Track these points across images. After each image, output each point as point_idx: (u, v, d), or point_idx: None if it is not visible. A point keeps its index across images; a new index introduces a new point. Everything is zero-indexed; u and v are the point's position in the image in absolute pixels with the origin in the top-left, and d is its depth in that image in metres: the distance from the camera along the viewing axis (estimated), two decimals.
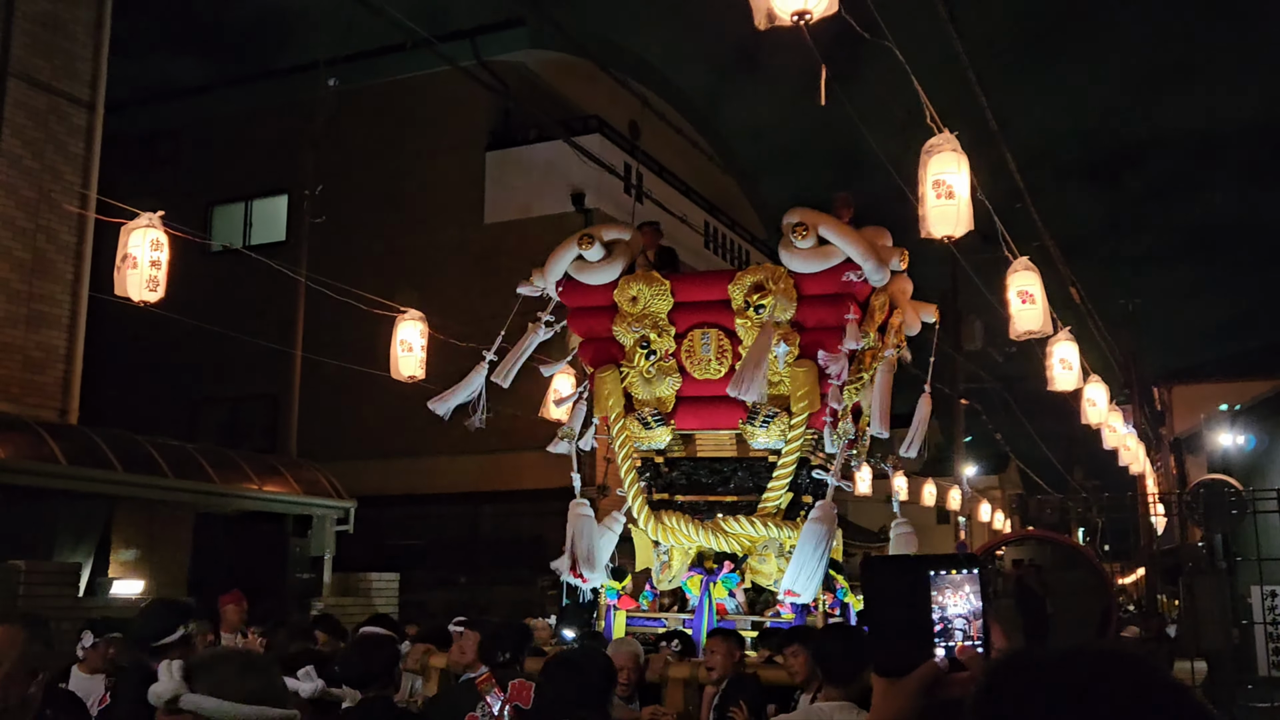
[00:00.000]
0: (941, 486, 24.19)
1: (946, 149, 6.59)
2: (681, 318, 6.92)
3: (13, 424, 9.62)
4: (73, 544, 10.04)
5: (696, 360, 6.87)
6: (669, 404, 6.93)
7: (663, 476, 7.14)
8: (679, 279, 7.16)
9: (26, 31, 11.11)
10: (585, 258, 6.97)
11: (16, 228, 10.94)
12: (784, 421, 6.57)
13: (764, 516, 6.61)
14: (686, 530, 6.72)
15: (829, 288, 6.55)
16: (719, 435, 7.03)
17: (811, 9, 4.41)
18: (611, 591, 7.01)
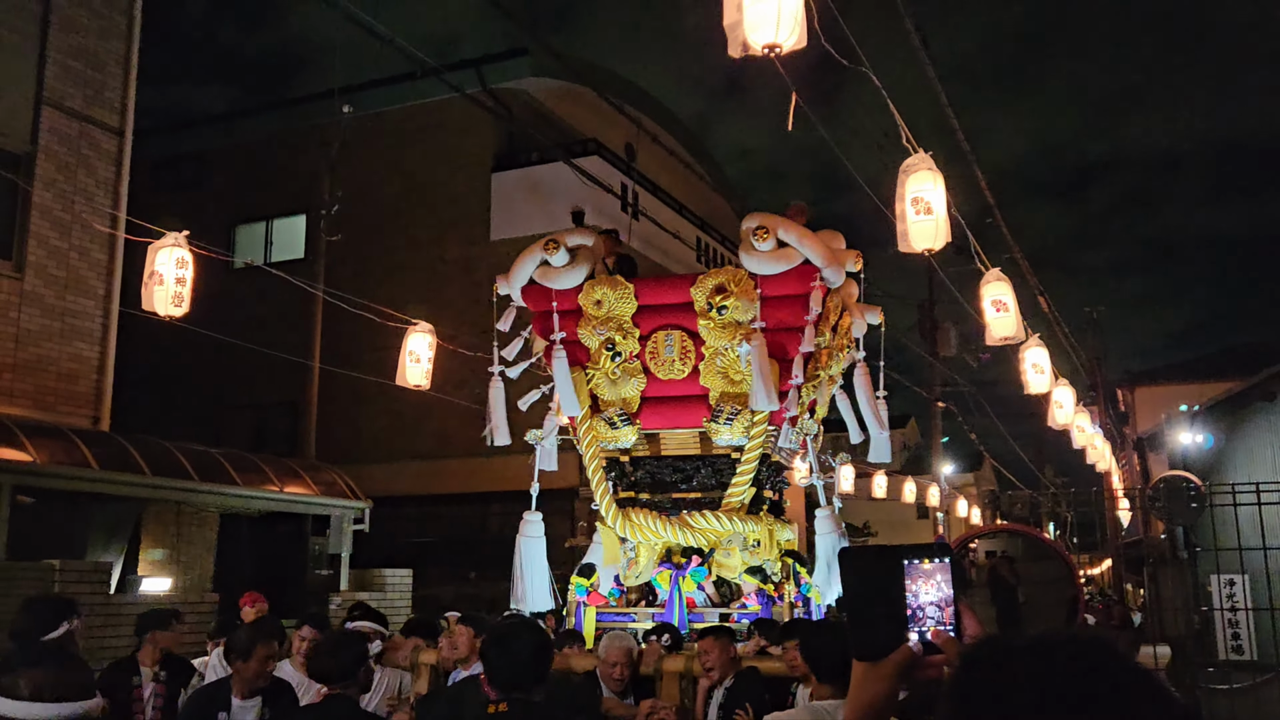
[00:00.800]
0: (920, 484, 24.18)
1: (923, 168, 6.58)
2: (645, 320, 6.75)
3: (48, 431, 9.57)
4: (104, 544, 9.99)
5: (660, 361, 6.71)
6: (634, 404, 6.76)
7: (628, 475, 6.95)
8: (642, 283, 6.96)
9: (60, 63, 11.09)
10: (550, 263, 6.77)
11: (51, 247, 10.90)
12: (746, 419, 6.44)
13: (729, 511, 6.48)
14: (653, 526, 6.57)
15: (788, 289, 6.43)
16: (683, 434, 6.85)
17: (781, 43, 4.37)
18: (580, 588, 6.80)
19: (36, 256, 10.71)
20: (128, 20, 11.85)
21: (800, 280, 6.29)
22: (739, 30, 4.63)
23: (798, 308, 6.33)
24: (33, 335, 10.59)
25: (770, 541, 6.36)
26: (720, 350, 6.47)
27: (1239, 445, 12.37)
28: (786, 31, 4.56)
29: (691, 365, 6.60)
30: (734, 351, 6.37)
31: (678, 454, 6.86)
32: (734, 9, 4.63)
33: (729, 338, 6.42)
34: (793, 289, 6.36)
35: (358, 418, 16.08)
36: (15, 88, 10.72)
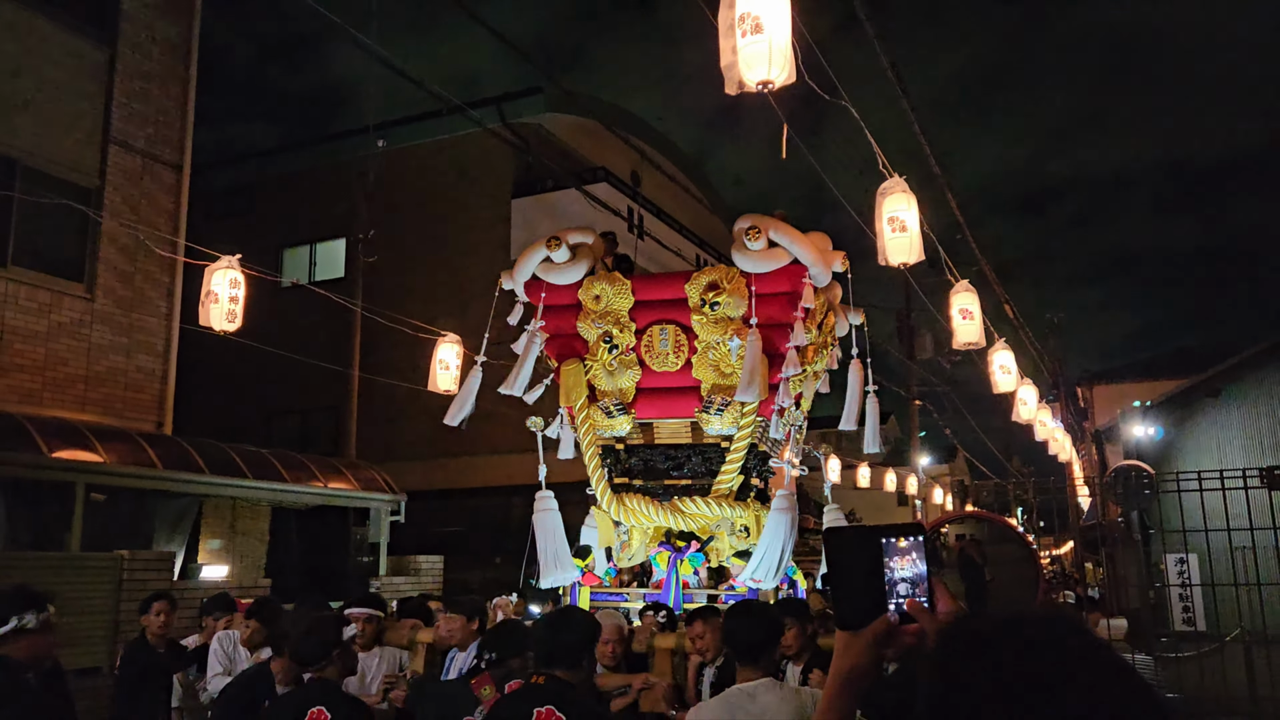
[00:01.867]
0: (900, 474, 24.15)
1: (898, 190, 6.63)
2: (641, 315, 6.51)
3: (117, 435, 9.62)
4: (167, 535, 10.02)
5: (655, 354, 6.46)
6: (629, 395, 6.52)
7: (623, 462, 6.69)
8: (639, 279, 6.74)
9: (125, 106, 11.16)
10: (552, 259, 6.54)
11: (119, 271, 10.96)
12: (736, 410, 6.20)
13: (718, 498, 6.26)
14: (646, 511, 6.35)
15: (777, 286, 6.19)
16: (675, 423, 6.60)
17: (773, 79, 4.37)
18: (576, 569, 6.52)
19: (106, 280, 10.77)
20: (185, 67, 11.92)
21: (789, 279, 6.07)
22: (734, 70, 4.66)
23: (786, 304, 6.12)
24: (103, 350, 10.65)
25: (757, 527, 6.12)
26: (712, 344, 6.26)
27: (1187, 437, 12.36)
28: (778, 69, 4.58)
29: (684, 358, 6.39)
30: (725, 346, 6.14)
31: (670, 442, 6.62)
32: (729, 50, 4.65)
33: (720, 332, 6.20)
34: (782, 286, 6.15)
35: (394, 420, 16.11)
36: (86, 129, 10.79)
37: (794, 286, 6.05)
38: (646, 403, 6.53)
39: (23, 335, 9.87)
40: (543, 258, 6.54)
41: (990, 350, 10.28)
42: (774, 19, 4.36)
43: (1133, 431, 13.19)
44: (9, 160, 9.86)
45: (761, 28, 4.35)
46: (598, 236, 6.91)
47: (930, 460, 30.06)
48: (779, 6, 4.37)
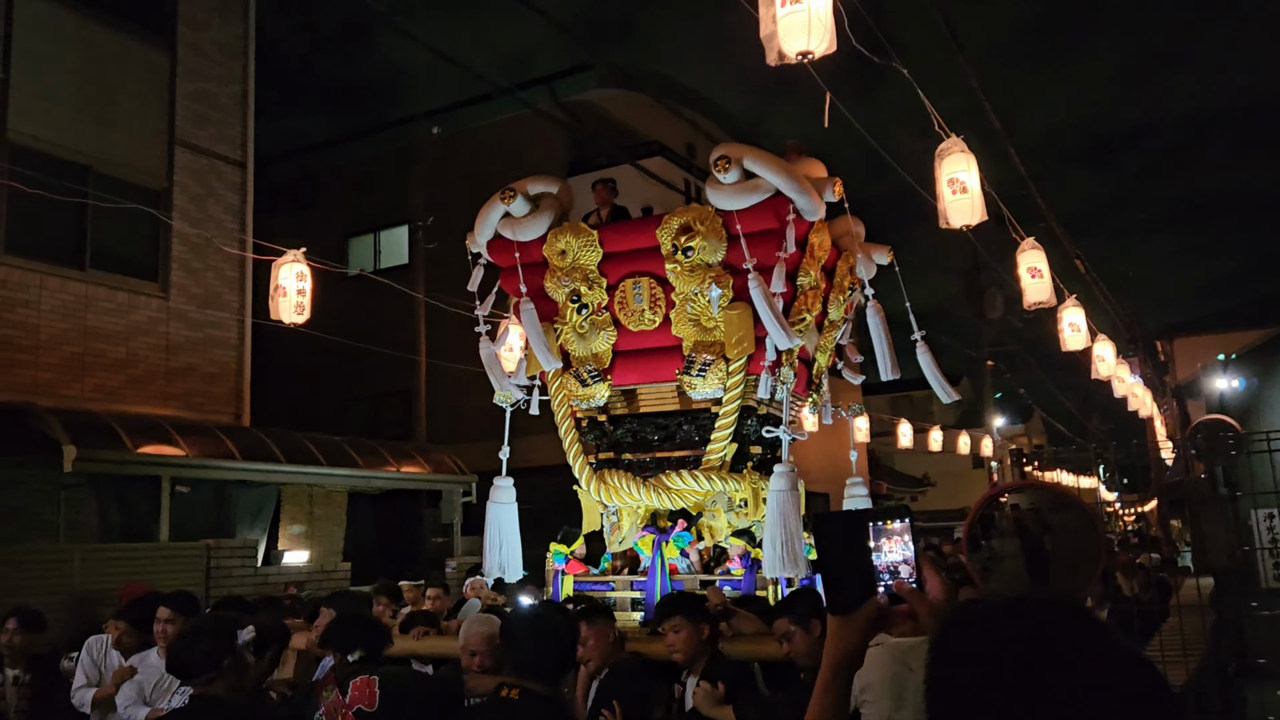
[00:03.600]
0: (974, 437, 23.81)
1: (956, 151, 6.53)
2: (612, 268, 5.79)
3: (197, 428, 9.96)
4: (249, 524, 10.36)
5: (630, 312, 5.74)
6: (605, 359, 5.83)
7: (608, 435, 6.00)
8: (608, 228, 5.98)
9: (187, 107, 11.47)
10: (511, 213, 5.88)
11: (190, 269, 11.31)
12: (721, 369, 5.47)
13: (708, 470, 5.50)
14: (629, 489, 5.64)
15: (760, 224, 5.39)
16: (660, 388, 5.85)
17: (813, 49, 4.32)
18: (559, 555, 5.90)
19: (178, 278, 11.13)
20: (243, 65, 12.19)
21: (773, 214, 5.30)
22: (774, 40, 4.62)
23: (773, 245, 5.34)
24: (180, 346, 11.02)
25: (757, 501, 5.41)
26: (690, 296, 5.52)
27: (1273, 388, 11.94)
28: (818, 39, 4.53)
29: (662, 314, 5.66)
30: (704, 296, 5.41)
31: (657, 410, 5.91)
32: (769, 20, 4.61)
33: (698, 281, 5.45)
34: (765, 224, 5.37)
35: (461, 403, 16.35)
36: (151, 132, 11.12)
37: (780, 223, 5.33)
38: (625, 367, 5.86)
39: (104, 335, 10.26)
40: (502, 213, 5.90)
41: (1060, 308, 10.06)
42: None
43: (1215, 385, 12.79)
44: (82, 167, 10.23)
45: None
46: (564, 184, 6.24)
47: (1004, 421, 29.54)
48: None
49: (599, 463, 5.88)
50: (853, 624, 1.31)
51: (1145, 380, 17.36)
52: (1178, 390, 16.43)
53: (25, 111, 9.79)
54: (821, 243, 5.68)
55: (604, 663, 4.04)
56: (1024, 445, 30.67)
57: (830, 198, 5.49)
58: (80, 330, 10.03)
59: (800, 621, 3.71)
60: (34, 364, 9.54)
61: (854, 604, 1.30)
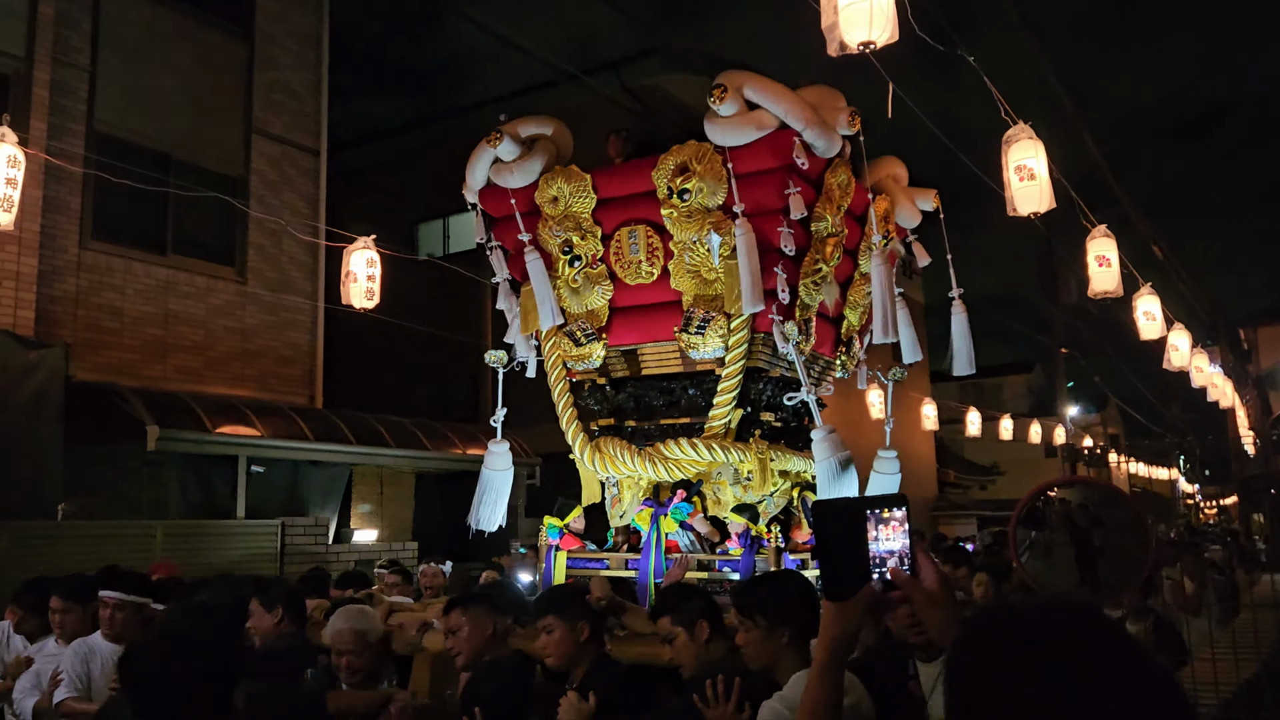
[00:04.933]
0: (1046, 425, 23.33)
1: (1024, 137, 6.44)
2: (608, 216, 5.26)
3: (271, 409, 10.29)
4: (321, 503, 10.66)
5: (625, 263, 5.21)
6: (602, 316, 5.32)
7: (609, 400, 5.48)
8: (602, 172, 5.39)
9: (263, 96, 11.79)
10: (500, 158, 5.39)
11: (266, 254, 11.65)
12: (721, 326, 4.91)
13: (710, 438, 4.94)
14: (624, 459, 5.12)
15: (764, 162, 4.81)
16: (662, 348, 5.30)
17: (875, 39, 4.30)
18: (553, 529, 5.38)
19: (255, 263, 11.47)
20: (316, 54, 12.48)
21: (779, 150, 4.75)
22: (836, 31, 4.61)
23: (777, 186, 4.80)
24: (256, 329, 11.37)
25: (764, 473, 4.93)
26: (688, 245, 4.99)
27: None
28: (880, 29, 4.52)
29: (660, 266, 5.13)
30: (704, 245, 4.89)
31: (659, 373, 5.40)
32: (830, 11, 4.61)
33: (695, 228, 4.92)
34: (770, 161, 4.80)
35: (527, 385, 16.58)
36: (229, 121, 11.46)
37: (785, 161, 4.75)
38: (623, 324, 5.35)
39: (184, 319, 10.64)
40: (492, 158, 5.44)
41: (1135, 295, 9.84)
42: None
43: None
44: (163, 155, 10.59)
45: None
46: (560, 125, 5.72)
47: (1079, 410, 28.87)
48: None
49: (601, 429, 5.42)
50: (848, 610, 1.32)
51: (1226, 370, 16.83)
52: (1260, 380, 15.89)
53: (111, 103, 10.17)
54: (841, 184, 5.06)
55: (474, 657, 3.51)
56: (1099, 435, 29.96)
57: (845, 130, 4.93)
58: (162, 314, 10.42)
59: (685, 622, 3.20)
60: (118, 346, 9.95)
61: (850, 590, 1.32)
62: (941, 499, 23.23)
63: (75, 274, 9.68)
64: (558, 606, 3.48)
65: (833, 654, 1.34)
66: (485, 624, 3.57)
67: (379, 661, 3.69)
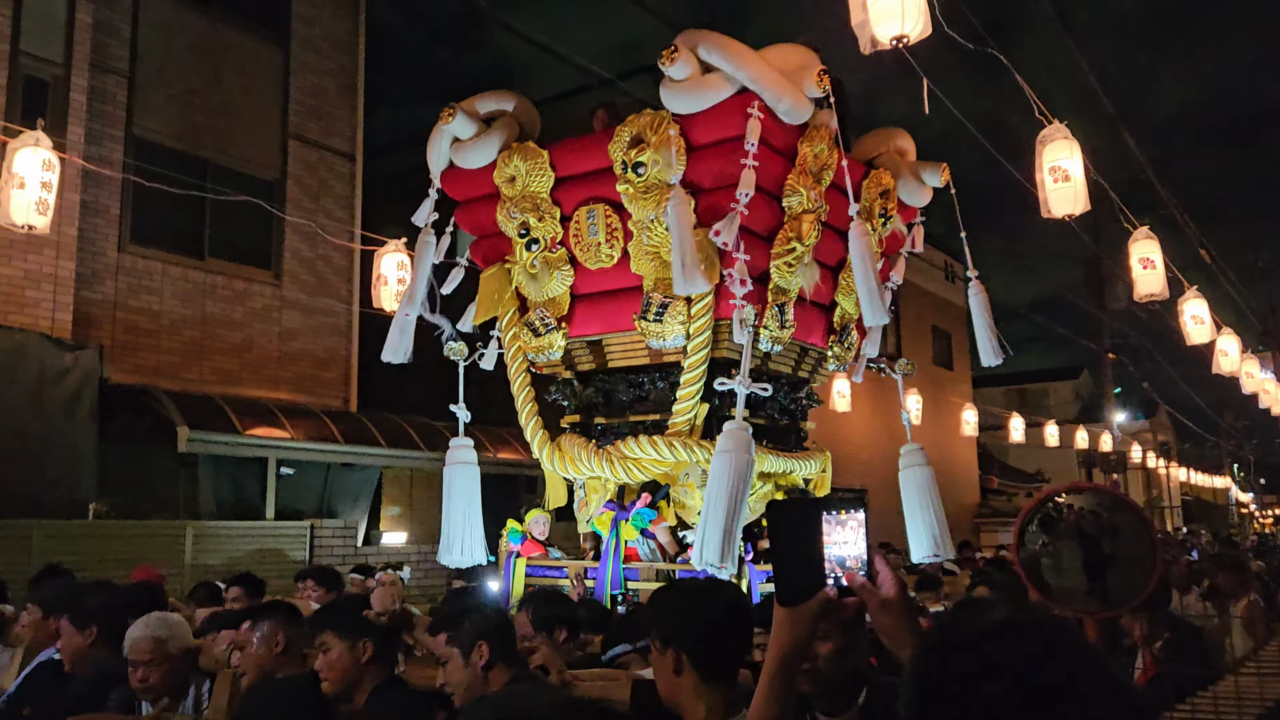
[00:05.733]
0: (1092, 432, 22.85)
1: (1059, 137, 6.26)
2: (567, 195, 4.86)
3: (305, 412, 10.35)
4: (351, 505, 10.71)
5: (585, 246, 4.80)
6: (563, 304, 4.96)
7: (577, 395, 5.16)
8: (560, 146, 4.95)
9: (300, 102, 11.89)
10: (458, 136, 5.06)
11: (302, 258, 11.74)
12: (680, 311, 4.49)
13: (673, 435, 4.50)
14: (582, 459, 4.74)
15: (723, 130, 4.37)
16: (627, 338, 4.89)
17: (908, 34, 4.15)
18: (514, 534, 5.13)
19: (291, 267, 11.56)
20: (352, 60, 12.56)
21: (739, 117, 4.33)
22: (866, 28, 4.49)
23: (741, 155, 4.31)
24: (292, 332, 11.46)
25: None
26: (646, 224, 4.55)
27: None
28: (911, 22, 4.39)
29: (620, 248, 4.72)
30: (661, 223, 4.43)
31: (625, 365, 5.01)
32: (859, 8, 4.48)
33: (653, 205, 4.48)
34: (729, 129, 4.36)
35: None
36: (267, 126, 11.57)
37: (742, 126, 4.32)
38: (585, 313, 4.98)
39: (221, 322, 10.75)
40: (450, 137, 5.12)
41: (1181, 299, 9.58)
42: None
43: None
44: (201, 160, 10.71)
45: None
46: (522, 101, 5.27)
47: (1127, 416, 28.26)
48: None
49: (572, 426, 5.09)
50: (801, 615, 1.27)
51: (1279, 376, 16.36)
52: None
53: (149, 108, 10.31)
54: (819, 155, 4.60)
55: (262, 678, 3.09)
56: (1148, 442, 29.30)
57: (814, 92, 4.46)
58: (199, 316, 10.54)
59: (462, 642, 2.73)
60: (156, 348, 10.07)
61: (804, 595, 1.27)
62: (984, 505, 22.83)
63: (114, 277, 9.82)
64: (335, 621, 3.01)
65: (784, 663, 1.27)
66: (274, 640, 3.13)
67: (182, 677, 3.23)
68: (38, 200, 6.43)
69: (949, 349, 22.31)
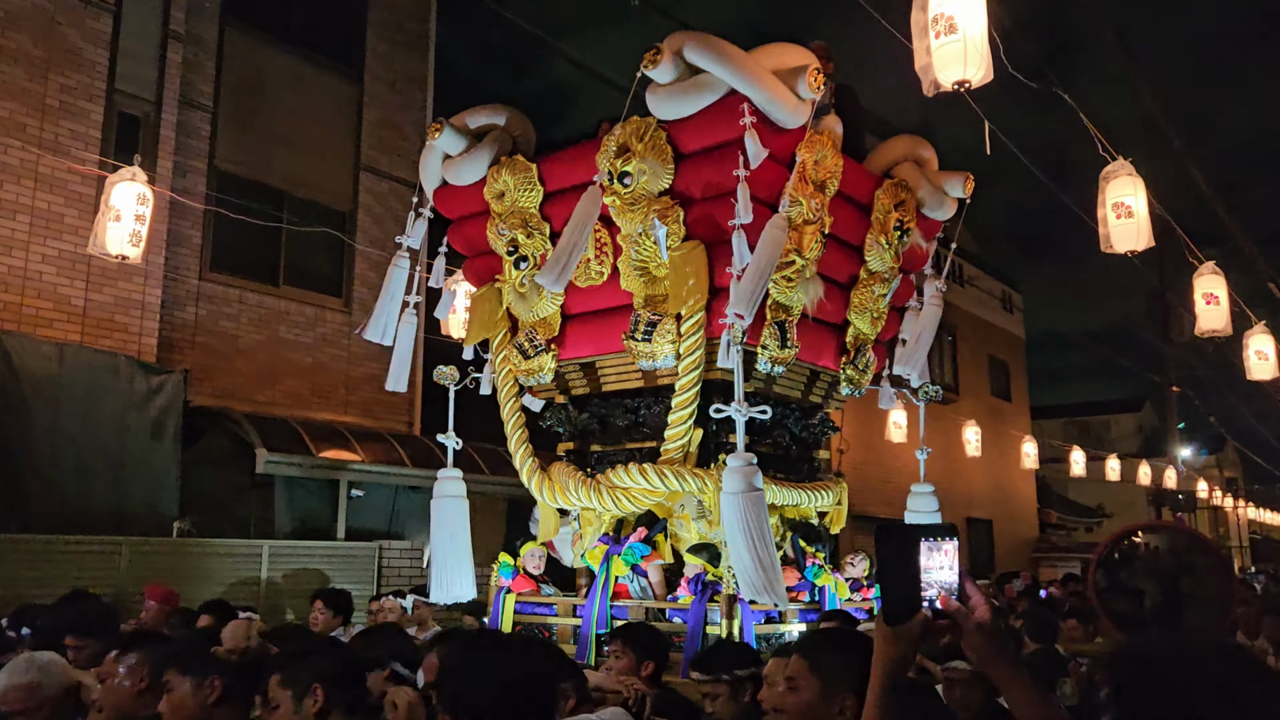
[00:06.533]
0: (1156, 467, 22.42)
1: (1122, 174, 6.31)
2: (556, 210, 4.62)
3: (372, 435, 10.64)
4: (417, 527, 10.95)
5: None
6: (554, 324, 4.76)
7: (572, 421, 4.91)
8: (549, 159, 4.76)
9: (372, 134, 12.30)
10: (447, 152, 4.92)
11: (371, 285, 12.06)
12: (669, 330, 4.23)
13: (665, 464, 4.22)
14: (571, 488, 4.50)
15: (712, 136, 4.14)
16: (620, 360, 4.63)
17: (970, 79, 4.20)
18: (505, 568, 4.84)
19: (360, 294, 11.91)
20: (422, 94, 12.96)
21: (730, 122, 4.08)
22: (930, 71, 4.60)
23: (732, 162, 4.05)
24: (360, 358, 11.79)
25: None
26: (634, 237, 4.31)
27: None
28: (974, 67, 4.48)
29: (610, 264, 4.52)
30: (650, 237, 4.21)
31: (618, 389, 4.74)
32: (923, 52, 4.59)
33: (640, 217, 4.24)
34: (721, 134, 4.13)
35: None
36: (340, 158, 12.00)
37: (738, 132, 4.05)
38: (576, 334, 4.77)
39: (293, 347, 11.12)
40: (441, 155, 4.99)
41: (1246, 333, 9.48)
42: (968, 17, 4.29)
43: None
44: (279, 192, 11.14)
45: (956, 27, 4.29)
46: (514, 114, 5.02)
47: (1192, 452, 27.65)
48: (973, 5, 4.30)
49: (568, 454, 4.84)
50: (903, 635, 1.36)
51: None
52: None
53: (230, 141, 10.76)
54: (820, 161, 4.34)
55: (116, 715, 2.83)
56: (1214, 479, 28.62)
57: (807, 93, 4.14)
58: (273, 341, 10.91)
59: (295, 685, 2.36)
60: (232, 372, 10.45)
61: (905, 615, 1.36)
62: (1043, 540, 22.47)
63: (195, 303, 10.23)
64: (179, 658, 2.70)
65: (888, 680, 1.37)
66: (138, 676, 2.83)
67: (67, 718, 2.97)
68: (132, 232, 6.80)
69: (1007, 380, 22.10)
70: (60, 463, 7.70)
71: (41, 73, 8.81)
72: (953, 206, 5.13)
